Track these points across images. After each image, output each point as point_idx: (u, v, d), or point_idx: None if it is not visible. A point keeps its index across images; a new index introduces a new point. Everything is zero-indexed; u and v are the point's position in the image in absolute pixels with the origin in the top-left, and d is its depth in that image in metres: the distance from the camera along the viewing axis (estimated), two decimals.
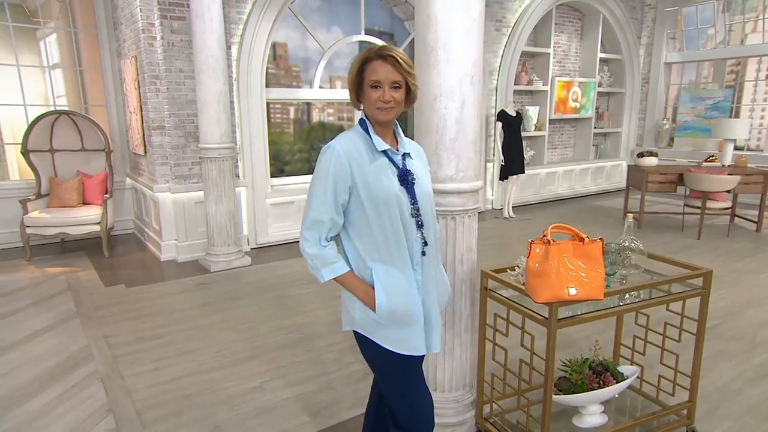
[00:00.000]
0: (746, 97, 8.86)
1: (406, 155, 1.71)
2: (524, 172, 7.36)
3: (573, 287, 1.89)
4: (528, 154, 8.33)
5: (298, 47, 6.34)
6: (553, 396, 2.25)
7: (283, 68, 6.35)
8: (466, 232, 2.28)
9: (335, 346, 3.45)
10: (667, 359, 2.46)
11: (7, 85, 5.94)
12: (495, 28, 7.56)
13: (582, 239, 1.95)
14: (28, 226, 5.29)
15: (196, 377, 3.08)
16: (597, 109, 9.38)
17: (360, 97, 1.67)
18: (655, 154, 7.07)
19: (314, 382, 3.01)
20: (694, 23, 9.25)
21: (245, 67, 5.57)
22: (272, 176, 6.10)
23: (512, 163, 7.15)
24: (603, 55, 9.08)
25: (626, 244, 2.33)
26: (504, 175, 7.27)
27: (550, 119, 8.57)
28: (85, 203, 5.81)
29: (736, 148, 7.67)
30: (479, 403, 2.45)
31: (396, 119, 1.68)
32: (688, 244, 6.02)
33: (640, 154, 7.11)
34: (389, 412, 1.79)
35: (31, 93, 6.12)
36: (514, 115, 7.15)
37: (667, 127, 9.60)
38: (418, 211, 1.67)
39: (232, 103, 5.54)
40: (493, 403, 2.43)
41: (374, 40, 6.62)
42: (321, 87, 6.45)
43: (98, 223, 5.47)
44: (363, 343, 1.75)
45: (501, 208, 7.68)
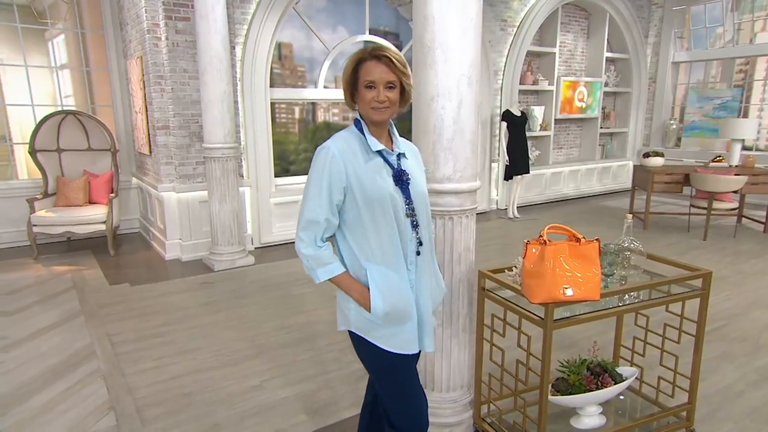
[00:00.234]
0: (755, 96, 8.75)
1: (401, 155, 1.71)
2: (529, 172, 7.34)
3: (569, 288, 1.88)
4: (533, 154, 8.31)
5: (303, 47, 6.36)
6: (550, 397, 2.24)
7: (288, 68, 6.37)
8: (464, 233, 2.27)
9: (336, 346, 3.46)
10: (666, 361, 2.45)
11: (16, 86, 6.03)
12: (500, 27, 7.53)
13: (578, 240, 1.94)
14: (35, 225, 5.35)
15: (196, 375, 3.10)
16: (603, 108, 9.32)
17: (355, 97, 1.68)
18: (661, 155, 7.02)
19: (314, 381, 3.03)
20: (702, 22, 9.16)
21: (249, 67, 5.59)
22: (276, 176, 6.13)
23: (517, 163, 7.12)
24: (609, 55, 9.02)
25: (625, 244, 2.32)
26: (509, 175, 7.25)
27: (555, 119, 8.53)
28: (91, 202, 5.86)
29: (744, 149, 7.59)
30: (477, 403, 2.45)
31: (391, 119, 1.69)
32: (694, 245, 5.97)
33: (646, 155, 7.06)
34: (384, 412, 1.80)
35: (39, 93, 6.19)
36: (519, 114, 7.13)
37: (675, 127, 9.51)
38: (413, 211, 1.68)
39: (237, 103, 5.57)
40: (491, 404, 2.43)
41: (379, 40, 6.61)
42: (326, 87, 6.46)
43: (104, 222, 5.52)
44: (358, 343, 1.75)
45: (506, 209, 7.65)
